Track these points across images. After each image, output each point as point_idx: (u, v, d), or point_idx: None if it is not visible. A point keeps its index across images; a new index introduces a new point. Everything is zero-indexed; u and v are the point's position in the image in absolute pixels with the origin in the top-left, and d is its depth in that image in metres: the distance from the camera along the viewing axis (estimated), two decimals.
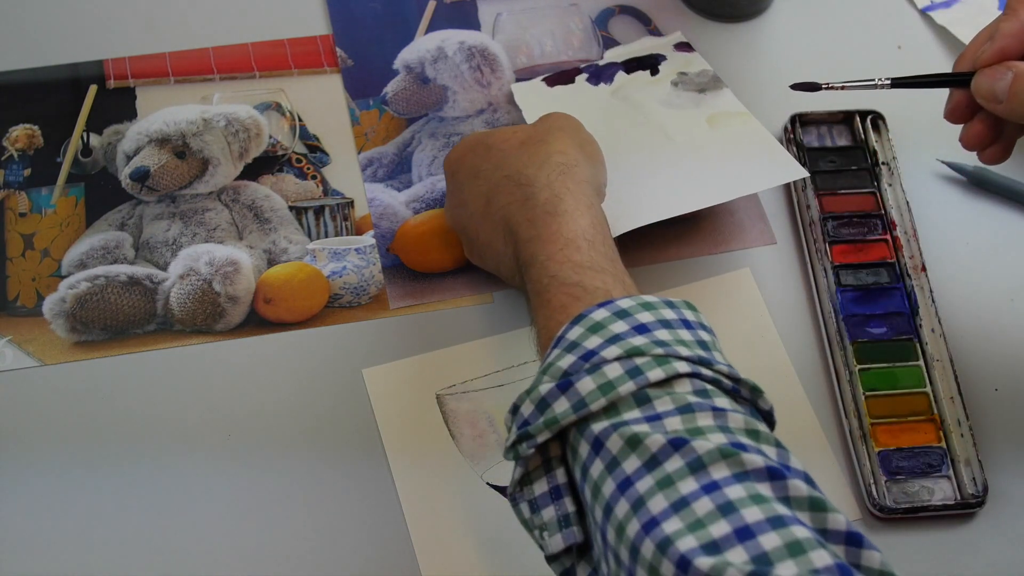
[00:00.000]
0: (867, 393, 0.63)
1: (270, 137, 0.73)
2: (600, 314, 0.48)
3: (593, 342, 0.47)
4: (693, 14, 0.79)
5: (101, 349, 0.66)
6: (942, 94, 0.75)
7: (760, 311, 0.67)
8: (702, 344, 0.49)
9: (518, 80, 0.76)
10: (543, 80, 0.74)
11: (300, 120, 0.74)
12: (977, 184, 0.71)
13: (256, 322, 0.67)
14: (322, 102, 0.75)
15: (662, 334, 0.48)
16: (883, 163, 0.71)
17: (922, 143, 0.73)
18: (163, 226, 0.70)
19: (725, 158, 0.67)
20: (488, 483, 0.61)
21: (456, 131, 0.74)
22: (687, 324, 0.49)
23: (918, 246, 0.68)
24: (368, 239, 0.70)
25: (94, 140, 0.73)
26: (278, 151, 0.73)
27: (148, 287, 0.68)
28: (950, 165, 0.72)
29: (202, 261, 0.68)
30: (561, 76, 0.74)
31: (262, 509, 0.61)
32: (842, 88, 0.60)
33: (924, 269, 0.67)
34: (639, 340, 0.47)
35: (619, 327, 0.48)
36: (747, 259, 0.69)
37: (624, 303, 0.49)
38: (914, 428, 0.62)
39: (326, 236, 0.70)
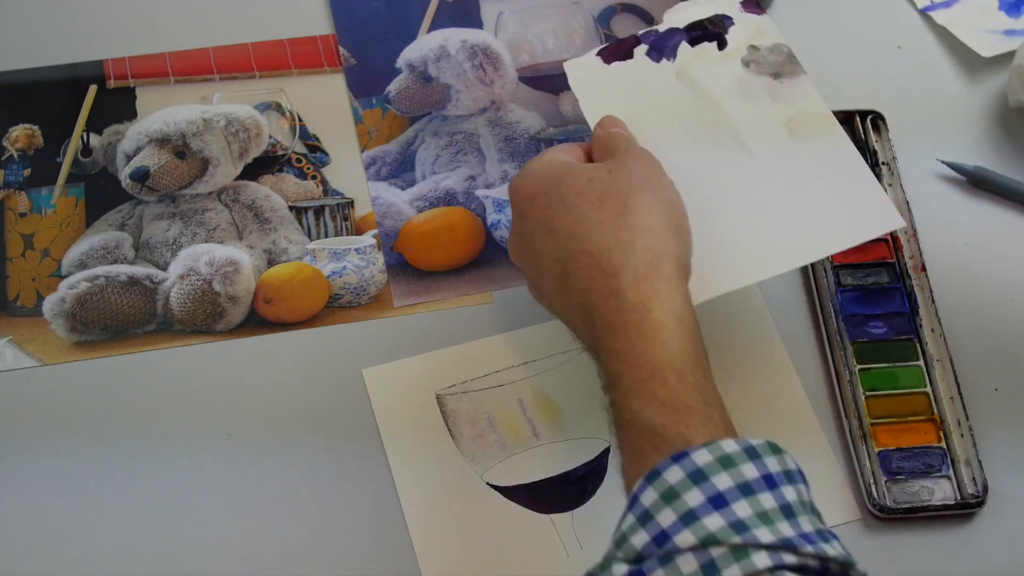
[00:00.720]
0: (867, 393, 0.63)
1: (270, 137, 0.73)
2: (674, 475, 0.45)
3: (667, 518, 0.44)
4: None
5: (101, 349, 0.66)
6: (942, 95, 0.76)
7: (760, 311, 0.66)
8: (786, 510, 0.45)
9: (521, 78, 0.76)
10: (598, 55, 0.66)
11: (300, 120, 0.74)
12: (977, 184, 0.71)
13: (256, 322, 0.67)
14: (322, 102, 0.75)
15: (741, 508, 0.44)
16: (883, 163, 0.71)
17: (922, 143, 0.73)
18: (163, 226, 0.70)
19: (813, 196, 0.59)
20: (488, 483, 0.61)
21: (459, 129, 0.74)
22: (770, 482, 0.46)
23: (918, 246, 0.68)
24: (368, 239, 0.70)
25: (94, 140, 0.73)
26: (278, 151, 0.73)
27: (148, 287, 0.68)
28: (950, 165, 0.72)
29: (202, 261, 0.68)
30: (619, 48, 0.66)
31: (262, 509, 0.61)
32: None
33: (924, 269, 0.67)
34: (715, 522, 0.44)
35: (694, 498, 0.44)
36: None
37: (701, 459, 0.45)
38: (914, 428, 0.62)
39: (326, 236, 0.70)
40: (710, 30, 0.66)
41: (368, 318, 0.67)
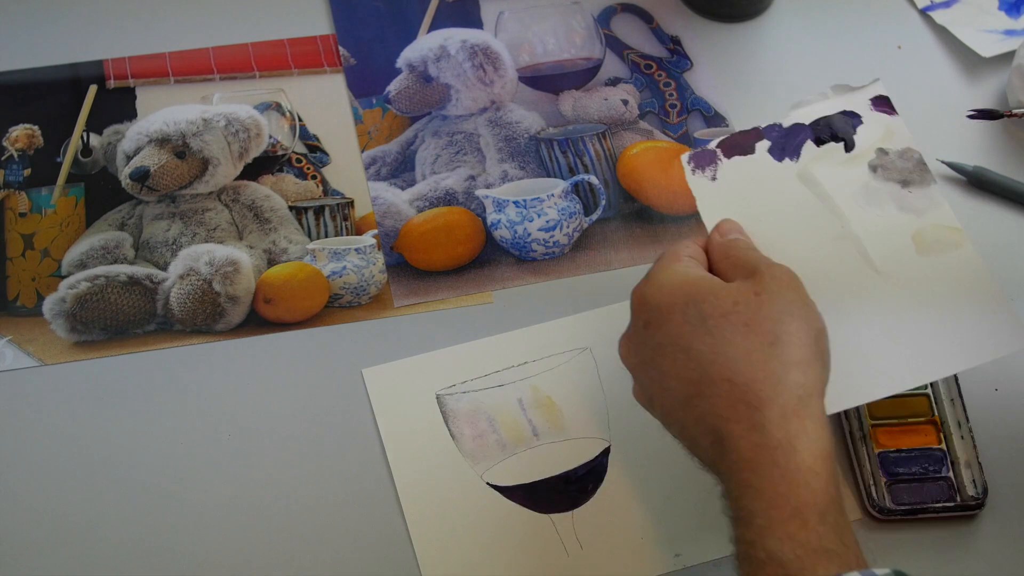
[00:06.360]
0: None
1: (270, 137, 0.73)
2: None
3: None
4: (693, 14, 0.79)
5: (101, 349, 0.66)
6: (942, 95, 0.76)
7: None
8: None
9: (521, 78, 0.76)
10: (718, 146, 0.62)
11: (300, 120, 0.74)
12: (977, 184, 0.71)
13: (256, 322, 0.67)
14: (322, 102, 0.75)
15: None
16: None
17: (922, 143, 0.72)
18: (163, 226, 0.70)
19: (939, 313, 0.57)
20: (488, 483, 0.61)
21: (459, 129, 0.74)
22: None
23: None
24: (368, 239, 0.70)
25: (94, 140, 0.73)
26: (278, 151, 0.73)
27: (148, 287, 0.68)
28: (950, 165, 0.72)
29: (202, 261, 0.68)
30: (740, 142, 0.61)
31: (262, 509, 0.61)
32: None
33: None
34: None
35: None
36: None
37: None
38: (914, 430, 0.62)
39: (326, 236, 0.70)
40: (837, 129, 0.62)
41: (368, 318, 0.67)
